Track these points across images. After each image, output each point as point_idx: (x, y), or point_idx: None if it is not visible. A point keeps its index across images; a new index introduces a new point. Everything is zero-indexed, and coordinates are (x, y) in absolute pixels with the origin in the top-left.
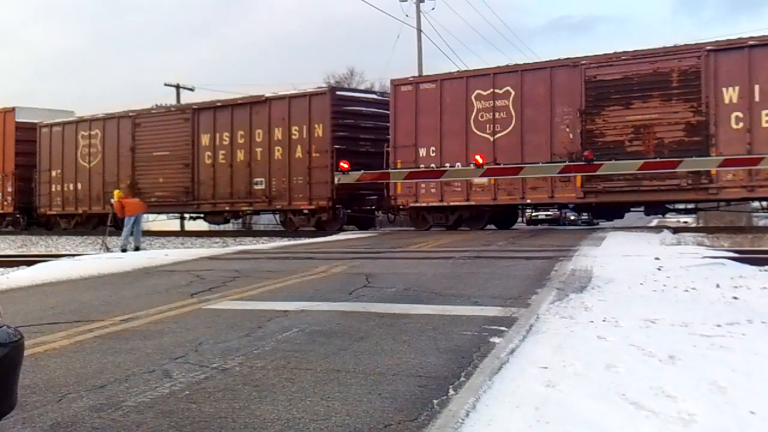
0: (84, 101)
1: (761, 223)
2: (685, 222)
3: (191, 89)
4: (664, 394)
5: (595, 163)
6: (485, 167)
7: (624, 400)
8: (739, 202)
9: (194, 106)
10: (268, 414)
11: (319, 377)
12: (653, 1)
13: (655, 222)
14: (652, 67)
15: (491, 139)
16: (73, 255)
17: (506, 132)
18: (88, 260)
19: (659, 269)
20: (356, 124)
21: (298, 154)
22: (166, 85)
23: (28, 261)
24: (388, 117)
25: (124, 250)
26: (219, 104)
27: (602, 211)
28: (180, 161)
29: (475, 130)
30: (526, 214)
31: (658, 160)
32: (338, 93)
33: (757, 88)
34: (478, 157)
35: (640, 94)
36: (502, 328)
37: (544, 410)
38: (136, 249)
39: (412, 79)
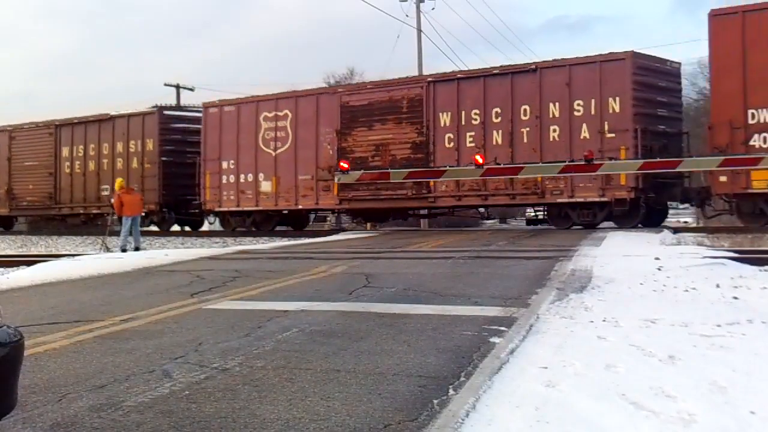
0: (84, 101)
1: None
2: (686, 222)
3: (191, 89)
4: (664, 394)
5: (595, 163)
6: (485, 167)
7: (624, 400)
8: (449, 209)
9: (57, 123)
10: (268, 414)
11: (319, 377)
12: (651, 1)
13: None
14: (388, 95)
15: (273, 154)
16: (73, 255)
17: (285, 148)
18: (88, 260)
19: (659, 269)
20: (183, 139)
21: (135, 164)
22: (166, 85)
23: (28, 261)
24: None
25: (123, 250)
26: (76, 121)
27: (369, 216)
28: (45, 170)
29: (261, 147)
30: (526, 213)
31: (658, 159)
32: (165, 112)
33: (462, 113)
34: (478, 157)
35: (380, 117)
36: (502, 328)
37: (544, 410)
38: (136, 249)
39: (218, 102)
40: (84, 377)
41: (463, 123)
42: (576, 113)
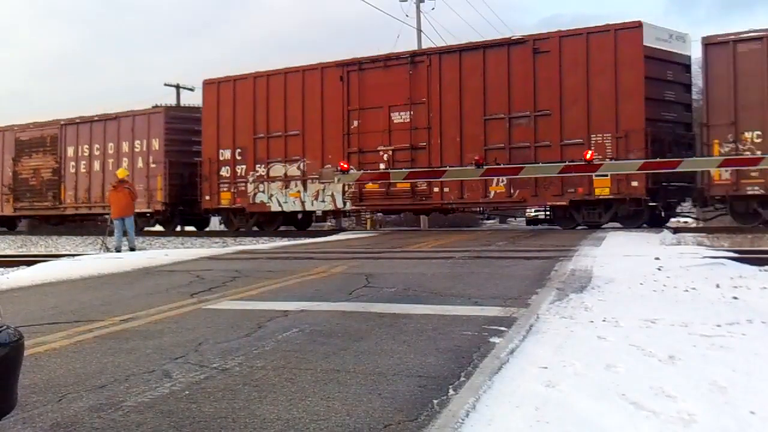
0: (83, 102)
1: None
2: (685, 222)
3: (191, 89)
4: (664, 394)
5: (596, 163)
6: (485, 167)
7: (624, 400)
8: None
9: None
10: (268, 414)
11: (319, 377)
12: (646, 0)
13: None
14: (40, 133)
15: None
16: (73, 255)
17: None
18: (88, 260)
19: (659, 269)
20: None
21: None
22: (166, 85)
23: (28, 261)
24: None
25: (117, 250)
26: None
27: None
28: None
29: None
30: (526, 213)
31: (658, 160)
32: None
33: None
34: (477, 157)
35: (36, 150)
36: (502, 328)
37: (544, 410)
38: (131, 250)
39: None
40: (84, 377)
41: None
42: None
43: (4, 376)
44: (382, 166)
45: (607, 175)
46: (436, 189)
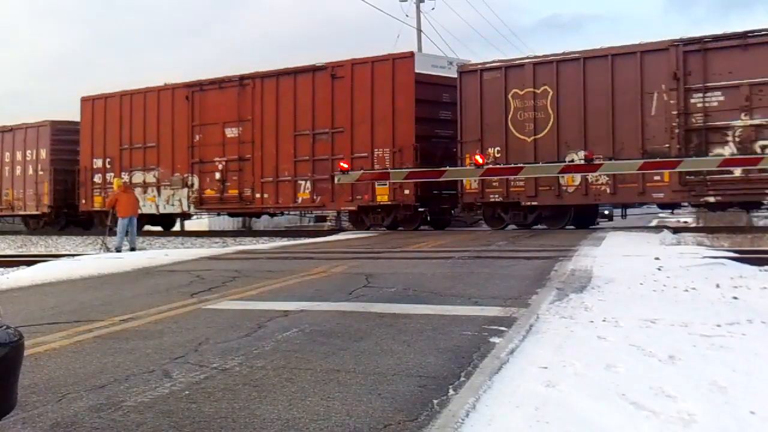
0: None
1: (761, 223)
2: (685, 222)
3: None
4: (664, 394)
5: (595, 163)
6: (485, 167)
7: (624, 400)
8: None
9: None
10: (268, 414)
11: (319, 377)
12: (644, 0)
13: (654, 222)
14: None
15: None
16: (73, 255)
17: None
18: (88, 260)
19: (659, 269)
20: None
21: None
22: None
23: (28, 261)
24: None
25: (118, 250)
26: None
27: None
28: None
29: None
30: None
31: (658, 160)
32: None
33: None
34: (477, 158)
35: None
36: (502, 328)
37: (544, 410)
38: (132, 250)
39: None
40: (84, 377)
41: None
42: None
43: (4, 376)
44: (217, 175)
45: (386, 184)
46: (257, 195)
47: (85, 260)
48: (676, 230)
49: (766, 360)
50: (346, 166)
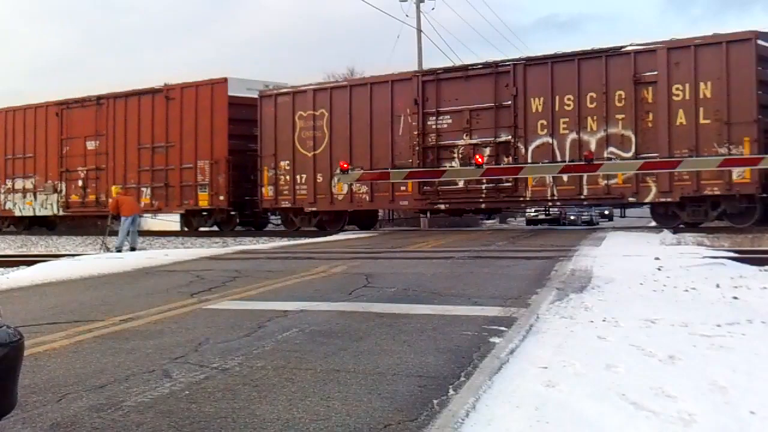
0: None
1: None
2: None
3: None
4: (664, 394)
5: (595, 163)
6: (485, 167)
7: (624, 400)
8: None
9: None
10: (268, 414)
11: (319, 377)
12: (641, 0)
13: (654, 222)
14: None
15: None
16: (73, 255)
17: None
18: (88, 260)
19: (659, 269)
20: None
21: None
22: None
23: (28, 261)
24: None
25: (119, 250)
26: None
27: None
28: None
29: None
30: (526, 213)
31: (658, 160)
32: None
33: None
34: (478, 158)
35: None
36: (502, 328)
37: (544, 410)
38: (132, 250)
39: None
40: (84, 377)
41: None
42: None
43: (4, 376)
44: (80, 182)
45: (206, 191)
46: (110, 200)
47: (85, 260)
48: (676, 230)
49: (766, 360)
50: (346, 166)
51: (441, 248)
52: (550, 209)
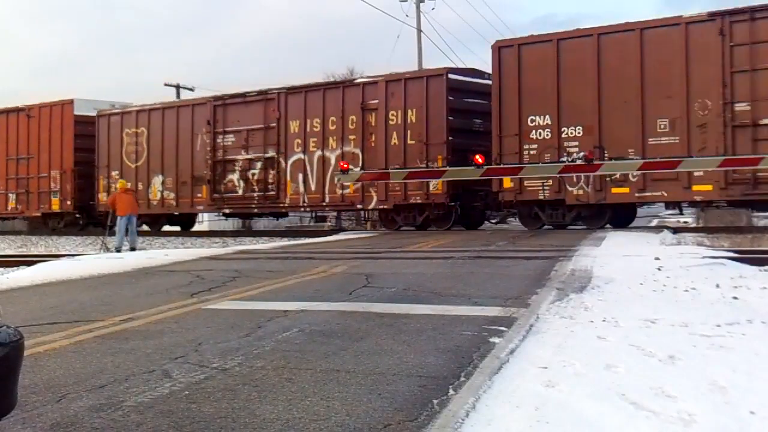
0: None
1: (761, 223)
2: (685, 222)
3: (191, 89)
4: (664, 394)
5: (595, 163)
6: (485, 167)
7: (624, 400)
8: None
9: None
10: (268, 414)
11: (319, 377)
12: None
13: (655, 222)
14: None
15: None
16: (73, 255)
17: None
18: (88, 260)
19: (659, 269)
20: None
21: None
22: (166, 85)
23: (28, 261)
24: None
25: (118, 250)
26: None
27: None
28: None
29: None
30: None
31: (658, 160)
32: None
33: None
34: (478, 157)
35: None
36: (502, 328)
37: (544, 410)
38: (132, 250)
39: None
40: (84, 377)
41: None
42: None
43: (3, 376)
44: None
45: (57, 196)
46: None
47: (85, 260)
48: (676, 230)
49: (766, 360)
50: (345, 166)
51: (441, 248)
52: (317, 214)
